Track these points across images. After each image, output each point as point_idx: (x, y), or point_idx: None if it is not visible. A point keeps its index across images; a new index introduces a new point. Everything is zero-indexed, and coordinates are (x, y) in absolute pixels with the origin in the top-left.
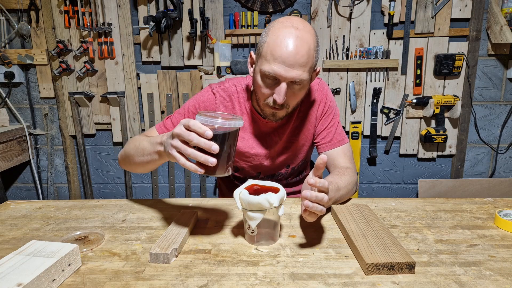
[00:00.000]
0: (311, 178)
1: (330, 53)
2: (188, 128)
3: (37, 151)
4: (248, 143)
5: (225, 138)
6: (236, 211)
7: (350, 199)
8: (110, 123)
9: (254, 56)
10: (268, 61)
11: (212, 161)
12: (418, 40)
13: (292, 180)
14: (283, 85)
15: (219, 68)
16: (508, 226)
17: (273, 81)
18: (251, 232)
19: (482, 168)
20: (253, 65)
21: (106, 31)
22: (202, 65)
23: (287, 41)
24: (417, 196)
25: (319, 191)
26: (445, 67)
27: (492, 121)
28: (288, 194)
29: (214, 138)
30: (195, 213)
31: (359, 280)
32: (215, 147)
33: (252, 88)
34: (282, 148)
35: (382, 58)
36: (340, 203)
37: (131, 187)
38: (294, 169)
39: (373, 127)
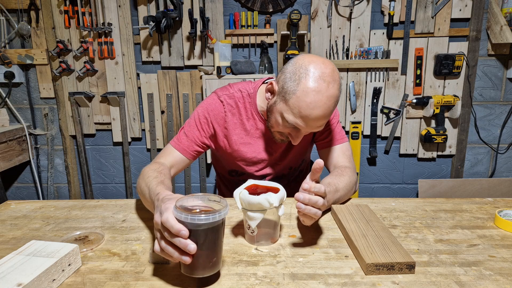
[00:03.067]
0: (305, 183)
1: (330, 53)
2: (162, 224)
3: (37, 151)
4: (254, 148)
5: (206, 234)
6: (236, 211)
7: (349, 199)
8: (110, 123)
9: (275, 87)
10: (294, 115)
11: (185, 259)
12: (418, 40)
13: (294, 180)
14: (302, 133)
15: (219, 68)
16: (508, 226)
17: (294, 127)
18: (251, 232)
19: (482, 168)
20: (272, 95)
21: (106, 31)
22: (202, 65)
23: (317, 102)
24: (417, 196)
25: (316, 195)
26: (445, 67)
27: (492, 121)
28: (290, 195)
29: (193, 234)
30: None
31: (359, 280)
32: (191, 247)
33: (260, 102)
34: (286, 151)
35: (382, 58)
36: (340, 203)
37: (131, 187)
38: (296, 169)
39: (373, 127)
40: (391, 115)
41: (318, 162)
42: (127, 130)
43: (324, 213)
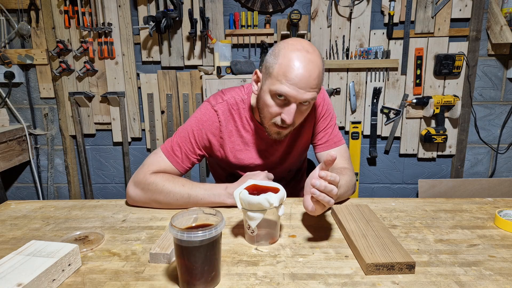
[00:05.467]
0: (322, 171)
1: (330, 53)
2: None
3: (37, 151)
4: (251, 155)
5: (204, 250)
6: (236, 211)
7: (348, 198)
8: (110, 123)
9: (260, 74)
10: (280, 82)
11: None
12: (418, 40)
13: (292, 181)
14: (293, 106)
15: (219, 68)
16: (508, 226)
17: (283, 101)
18: (251, 232)
19: (482, 168)
20: (258, 83)
21: (106, 31)
22: (202, 65)
23: (300, 64)
24: (417, 196)
25: (330, 183)
26: (445, 67)
27: (492, 121)
28: (289, 195)
29: (191, 251)
30: None
31: (359, 280)
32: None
33: (254, 103)
34: (284, 155)
35: (382, 58)
36: (340, 203)
37: None
38: (293, 171)
39: (373, 127)
40: (391, 115)
41: (332, 155)
42: (127, 130)
43: (324, 213)
